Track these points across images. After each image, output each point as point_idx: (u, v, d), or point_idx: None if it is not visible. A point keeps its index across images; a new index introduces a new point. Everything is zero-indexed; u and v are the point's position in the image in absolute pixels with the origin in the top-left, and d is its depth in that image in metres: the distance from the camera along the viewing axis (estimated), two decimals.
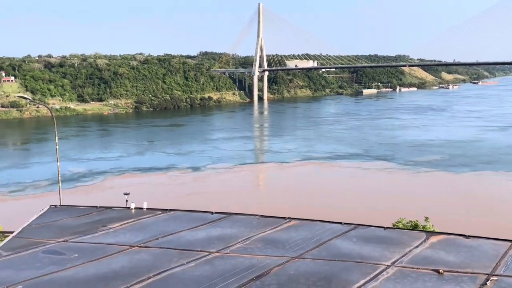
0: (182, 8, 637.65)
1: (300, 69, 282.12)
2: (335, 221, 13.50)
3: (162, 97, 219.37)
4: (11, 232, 14.72)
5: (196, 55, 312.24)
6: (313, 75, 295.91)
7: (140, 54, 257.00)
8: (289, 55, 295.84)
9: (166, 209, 14.22)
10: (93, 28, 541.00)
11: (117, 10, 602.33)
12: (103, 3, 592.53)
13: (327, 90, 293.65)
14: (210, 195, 67.34)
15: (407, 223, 27.51)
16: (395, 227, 22.47)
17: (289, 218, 13.35)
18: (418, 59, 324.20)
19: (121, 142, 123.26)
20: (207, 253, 10.42)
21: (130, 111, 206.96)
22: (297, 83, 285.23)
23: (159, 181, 79.33)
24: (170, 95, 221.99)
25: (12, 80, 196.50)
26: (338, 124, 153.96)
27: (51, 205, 14.33)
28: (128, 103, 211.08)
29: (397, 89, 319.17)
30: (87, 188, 74.08)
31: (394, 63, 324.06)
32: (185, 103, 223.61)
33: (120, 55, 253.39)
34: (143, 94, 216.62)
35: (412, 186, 73.30)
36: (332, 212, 50.73)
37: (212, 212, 13.86)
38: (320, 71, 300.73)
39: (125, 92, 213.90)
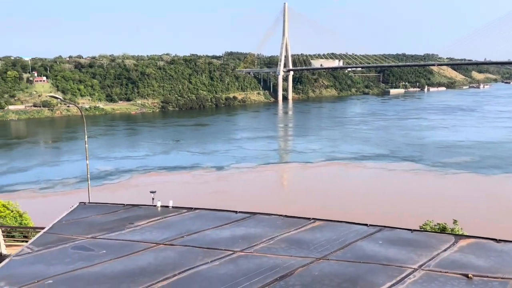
0: (208, 9, 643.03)
1: (325, 68, 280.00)
2: (360, 222, 13.33)
3: (188, 97, 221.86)
4: (42, 228, 15.21)
5: (221, 55, 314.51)
6: (338, 75, 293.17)
7: (167, 54, 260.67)
8: (314, 55, 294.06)
9: (191, 208, 14.36)
10: (122, 29, 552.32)
11: (144, 12, 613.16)
12: (130, 6, 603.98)
13: (353, 90, 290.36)
14: (233, 194, 67.73)
15: (435, 225, 26.90)
16: (422, 229, 21.99)
17: (313, 218, 13.27)
18: (447, 58, 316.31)
19: (147, 141, 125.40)
20: (231, 252, 10.48)
21: (157, 110, 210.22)
22: (322, 83, 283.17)
23: (183, 179, 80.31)
24: (196, 95, 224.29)
25: (44, 80, 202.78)
26: (363, 124, 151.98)
27: (80, 202, 14.72)
28: (154, 102, 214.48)
29: (425, 89, 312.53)
30: (114, 186, 75.71)
31: (422, 62, 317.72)
32: (210, 103, 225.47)
33: (147, 56, 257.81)
34: (169, 94, 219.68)
35: (440, 188, 71.61)
36: (357, 213, 50.13)
37: (236, 212, 13.92)
38: (346, 71, 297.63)
39: (152, 92, 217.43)
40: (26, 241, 20.01)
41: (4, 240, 17.17)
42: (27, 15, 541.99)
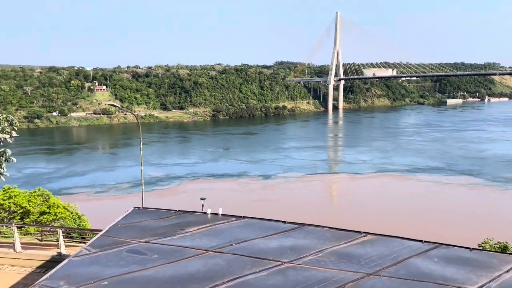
0: (259, 19, 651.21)
1: (378, 77, 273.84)
2: (414, 238, 12.77)
3: (238, 105, 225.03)
4: (99, 230, 15.92)
5: (272, 64, 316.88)
6: (392, 84, 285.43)
7: (219, 64, 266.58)
8: (366, 64, 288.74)
9: (240, 216, 14.45)
10: (177, 40, 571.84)
11: (198, 24, 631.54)
12: (185, 19, 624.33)
13: (407, 100, 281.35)
14: (279, 203, 67.56)
15: (495, 244, 25.32)
16: (481, 248, 20.72)
17: (364, 232, 12.90)
18: (510, 67, 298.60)
19: (197, 149, 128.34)
20: (279, 263, 10.41)
21: (208, 119, 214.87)
22: (374, 92, 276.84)
23: (229, 187, 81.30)
24: (246, 104, 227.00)
25: (104, 89, 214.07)
26: (418, 136, 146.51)
27: (134, 207, 15.27)
28: (206, 111, 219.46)
29: (486, 99, 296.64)
30: (163, 192, 77.96)
31: (482, 72, 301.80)
32: (259, 112, 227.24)
33: (200, 66, 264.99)
34: (220, 103, 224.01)
35: (501, 204, 67.33)
36: (409, 228, 48.21)
37: (284, 222, 13.83)
38: (400, 80, 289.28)
39: (203, 101, 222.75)
40: (84, 242, 21.03)
41: (64, 240, 18.13)
42: (90, 28, 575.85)
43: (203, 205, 20.72)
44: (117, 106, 37.32)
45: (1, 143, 28.57)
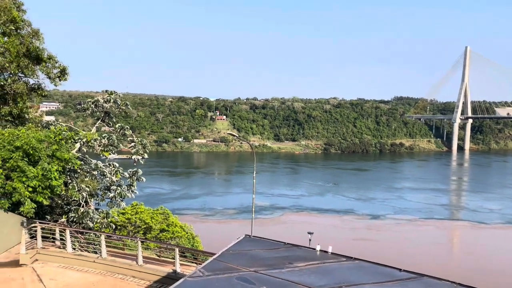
0: (379, 52, 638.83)
1: None
2: None
3: (351, 140, 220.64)
4: (211, 254, 16.60)
5: (390, 100, 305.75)
6: None
7: (334, 98, 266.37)
8: (499, 102, 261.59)
9: (351, 257, 13.81)
10: (294, 73, 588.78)
11: (314, 57, 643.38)
12: (302, 52, 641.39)
13: None
14: (379, 245, 63.28)
15: None
16: None
17: None
18: None
19: (305, 182, 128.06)
20: None
21: (319, 152, 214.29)
22: (508, 134, 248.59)
23: (331, 223, 79.25)
24: (360, 139, 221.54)
25: (223, 119, 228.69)
26: None
27: (246, 235, 15.62)
28: (318, 144, 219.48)
29: None
30: (265, 221, 78.81)
31: None
32: (374, 148, 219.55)
33: (315, 99, 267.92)
34: (333, 137, 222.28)
35: None
36: None
37: (400, 270, 12.82)
38: None
39: (316, 133, 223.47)
40: (196, 263, 22.11)
41: (179, 259, 19.28)
42: (216, 61, 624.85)
43: (310, 240, 20.30)
44: (235, 135, 39.33)
45: (135, 164, 31.94)
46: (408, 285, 11.76)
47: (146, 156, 32.81)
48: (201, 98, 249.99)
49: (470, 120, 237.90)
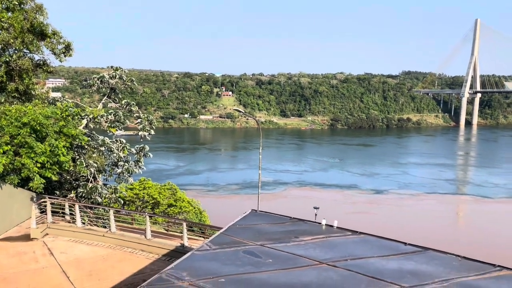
0: (387, 26, 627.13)
1: None
2: None
3: (358, 116, 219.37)
4: (218, 228, 16.84)
5: (398, 74, 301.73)
6: None
7: (341, 73, 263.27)
8: (509, 76, 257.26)
9: (356, 231, 13.94)
10: (300, 48, 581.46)
11: (322, 31, 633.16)
12: (308, 28, 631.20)
13: None
14: (377, 218, 63.72)
15: None
16: None
17: (499, 266, 11.39)
18: None
19: (310, 157, 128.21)
20: (398, 287, 9.74)
21: (325, 127, 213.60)
22: None
23: (332, 197, 79.73)
24: (366, 114, 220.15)
25: (229, 95, 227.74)
26: None
27: (252, 209, 15.77)
28: (324, 120, 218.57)
29: None
30: (268, 196, 79.03)
31: None
32: (380, 123, 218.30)
33: (321, 74, 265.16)
34: (339, 112, 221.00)
35: None
36: None
37: (405, 243, 12.92)
38: None
39: (322, 109, 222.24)
40: (203, 237, 22.46)
41: (187, 233, 19.59)
42: (221, 34, 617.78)
43: (316, 214, 20.52)
44: (241, 111, 39.24)
45: (141, 140, 32.09)
46: (413, 259, 11.87)
47: (152, 132, 32.93)
48: (207, 74, 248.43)
49: (479, 95, 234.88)
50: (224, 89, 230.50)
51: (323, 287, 9.59)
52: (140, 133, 32.03)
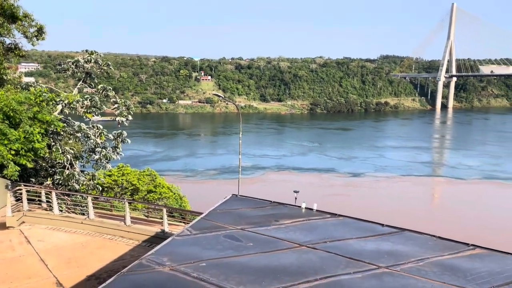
0: (363, 11, 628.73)
1: (496, 75, 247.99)
2: None
3: (337, 100, 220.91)
4: (199, 213, 16.84)
5: (376, 58, 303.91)
6: None
7: (320, 57, 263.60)
8: (483, 60, 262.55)
9: (335, 214, 14.17)
10: (280, 32, 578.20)
11: (301, 15, 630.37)
12: (287, 11, 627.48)
13: None
14: (352, 200, 65.05)
15: None
16: None
17: (472, 245, 11.79)
18: None
19: (289, 142, 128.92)
20: (375, 267, 9.97)
21: (305, 112, 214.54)
22: (491, 92, 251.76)
23: (309, 180, 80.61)
24: (345, 99, 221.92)
25: (209, 79, 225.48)
26: None
27: (232, 194, 15.82)
28: (304, 104, 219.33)
29: None
30: (246, 180, 79.02)
31: None
32: (359, 107, 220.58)
33: (301, 59, 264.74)
34: (318, 97, 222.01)
35: None
36: None
37: (382, 225, 13.22)
38: None
39: (302, 94, 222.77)
40: (184, 222, 22.46)
41: (167, 219, 19.54)
42: (201, 20, 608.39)
43: (296, 198, 20.80)
44: (220, 96, 39.01)
45: (119, 125, 31.60)
46: (390, 239, 12.16)
47: (130, 117, 32.43)
48: (185, 58, 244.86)
49: (454, 78, 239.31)
50: (203, 74, 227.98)
51: (303, 268, 9.73)
52: (117, 118, 31.50)
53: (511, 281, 9.85)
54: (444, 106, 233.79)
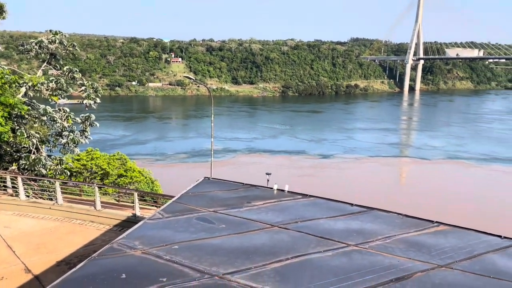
0: None
1: (462, 58, 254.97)
2: (492, 232, 11.93)
3: (308, 82, 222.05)
4: (170, 196, 16.77)
5: (346, 41, 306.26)
6: (477, 66, 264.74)
7: (292, 39, 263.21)
8: (449, 43, 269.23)
9: (306, 195, 14.40)
10: (251, 14, 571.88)
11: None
12: None
13: (493, 84, 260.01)
14: (319, 181, 66.44)
15: None
16: None
17: (437, 222, 12.28)
18: None
19: (260, 125, 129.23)
20: (345, 245, 10.26)
21: (277, 95, 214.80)
22: (456, 74, 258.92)
23: (279, 163, 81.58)
24: (316, 81, 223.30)
25: (179, 61, 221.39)
26: (500, 123, 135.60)
27: (205, 177, 15.80)
28: (276, 87, 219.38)
29: None
30: (217, 163, 78.89)
31: None
32: (330, 90, 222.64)
33: (272, 41, 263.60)
34: (290, 79, 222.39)
35: None
36: (482, 221, 45.32)
37: (352, 204, 13.56)
38: (486, 62, 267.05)
39: (274, 76, 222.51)
40: (156, 206, 22.32)
41: (138, 203, 19.36)
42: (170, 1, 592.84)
43: (268, 180, 21.00)
44: (191, 79, 38.45)
45: (87, 108, 30.78)
46: (359, 218, 12.50)
47: (98, 100, 31.63)
48: (155, 39, 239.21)
49: (422, 61, 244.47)
50: (173, 56, 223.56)
51: (275, 248, 9.90)
52: (84, 101, 30.67)
53: (473, 255, 10.35)
54: (412, 89, 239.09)
